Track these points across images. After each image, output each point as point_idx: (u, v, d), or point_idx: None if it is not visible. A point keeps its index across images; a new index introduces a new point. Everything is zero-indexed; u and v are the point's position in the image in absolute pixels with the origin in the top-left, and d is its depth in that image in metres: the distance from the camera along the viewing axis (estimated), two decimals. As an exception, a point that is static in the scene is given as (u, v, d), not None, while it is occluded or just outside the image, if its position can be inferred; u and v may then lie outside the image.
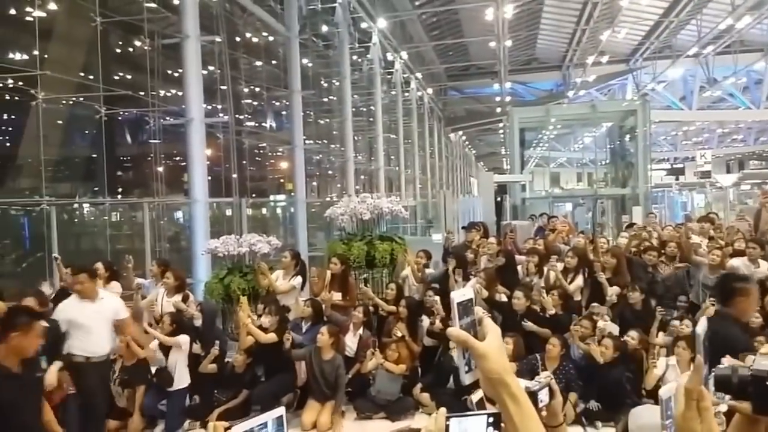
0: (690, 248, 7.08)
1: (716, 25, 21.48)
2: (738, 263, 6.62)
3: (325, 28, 16.73)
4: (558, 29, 25.69)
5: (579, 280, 6.82)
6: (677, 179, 23.68)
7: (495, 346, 1.06)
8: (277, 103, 15.72)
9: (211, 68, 12.33)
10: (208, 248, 6.94)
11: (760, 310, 5.52)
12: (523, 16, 22.42)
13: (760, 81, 26.73)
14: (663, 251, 7.34)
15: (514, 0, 19.35)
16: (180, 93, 10.58)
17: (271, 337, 5.75)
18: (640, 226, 9.71)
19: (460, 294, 1.09)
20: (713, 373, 1.11)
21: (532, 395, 1.56)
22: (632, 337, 5.73)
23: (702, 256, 6.96)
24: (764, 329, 5.30)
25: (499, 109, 28.91)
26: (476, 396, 1.62)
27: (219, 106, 12.78)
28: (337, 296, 6.48)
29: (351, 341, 6.26)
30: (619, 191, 19.30)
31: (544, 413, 1.58)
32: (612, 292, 6.55)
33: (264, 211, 14.84)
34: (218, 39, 11.67)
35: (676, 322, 5.68)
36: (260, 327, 5.86)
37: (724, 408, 1.37)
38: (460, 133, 35.88)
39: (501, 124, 29.08)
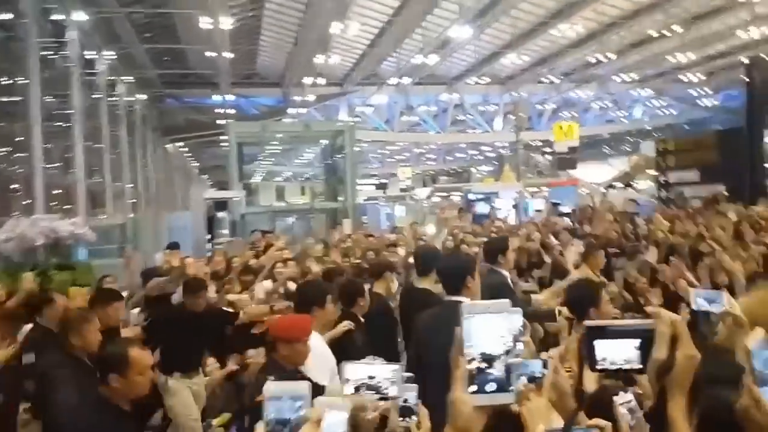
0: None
1: (410, 60, 24.84)
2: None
3: (5, 16, 14.14)
4: (277, 48, 26.42)
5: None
6: (384, 192, 26.63)
7: None
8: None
9: None
10: None
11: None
12: (242, 29, 22.37)
13: (446, 110, 31.95)
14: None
15: (232, 12, 19.16)
16: None
17: None
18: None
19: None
20: None
21: None
22: None
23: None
24: None
25: (223, 121, 28.32)
26: None
27: None
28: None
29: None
30: (333, 204, 20.70)
31: None
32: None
33: None
34: None
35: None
36: None
37: None
38: (180, 143, 34.04)
39: (225, 137, 28.62)
